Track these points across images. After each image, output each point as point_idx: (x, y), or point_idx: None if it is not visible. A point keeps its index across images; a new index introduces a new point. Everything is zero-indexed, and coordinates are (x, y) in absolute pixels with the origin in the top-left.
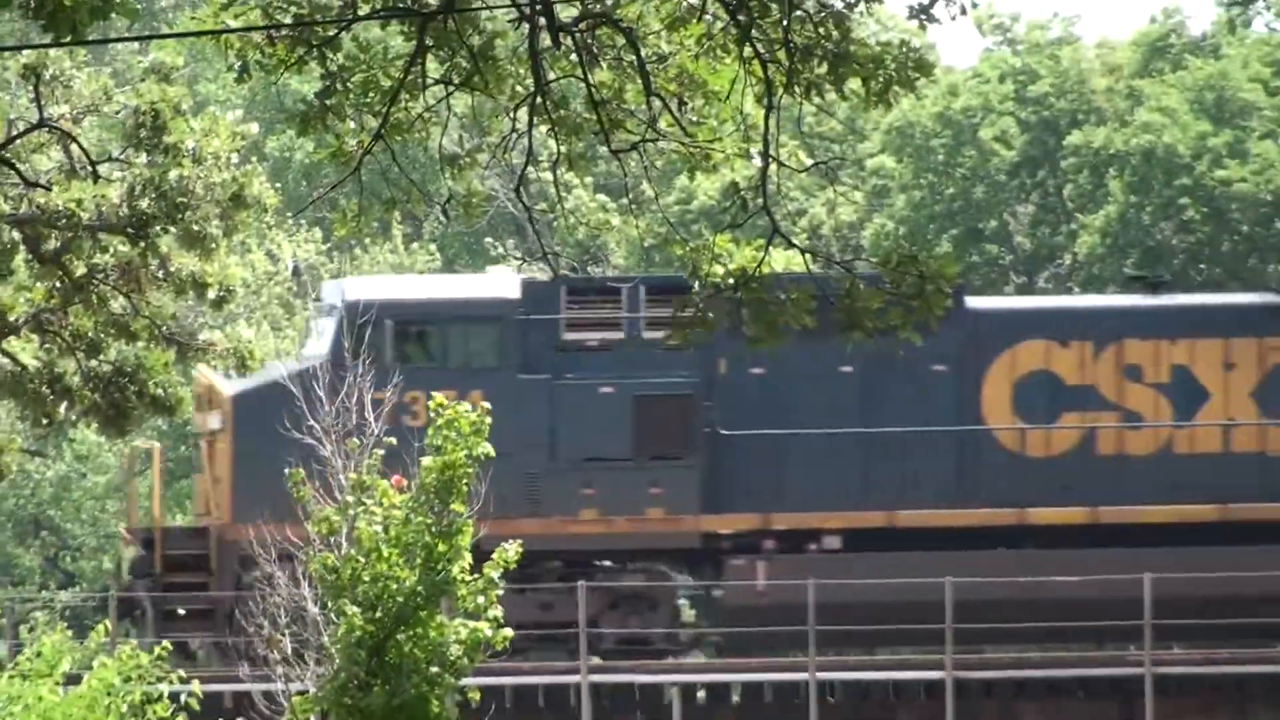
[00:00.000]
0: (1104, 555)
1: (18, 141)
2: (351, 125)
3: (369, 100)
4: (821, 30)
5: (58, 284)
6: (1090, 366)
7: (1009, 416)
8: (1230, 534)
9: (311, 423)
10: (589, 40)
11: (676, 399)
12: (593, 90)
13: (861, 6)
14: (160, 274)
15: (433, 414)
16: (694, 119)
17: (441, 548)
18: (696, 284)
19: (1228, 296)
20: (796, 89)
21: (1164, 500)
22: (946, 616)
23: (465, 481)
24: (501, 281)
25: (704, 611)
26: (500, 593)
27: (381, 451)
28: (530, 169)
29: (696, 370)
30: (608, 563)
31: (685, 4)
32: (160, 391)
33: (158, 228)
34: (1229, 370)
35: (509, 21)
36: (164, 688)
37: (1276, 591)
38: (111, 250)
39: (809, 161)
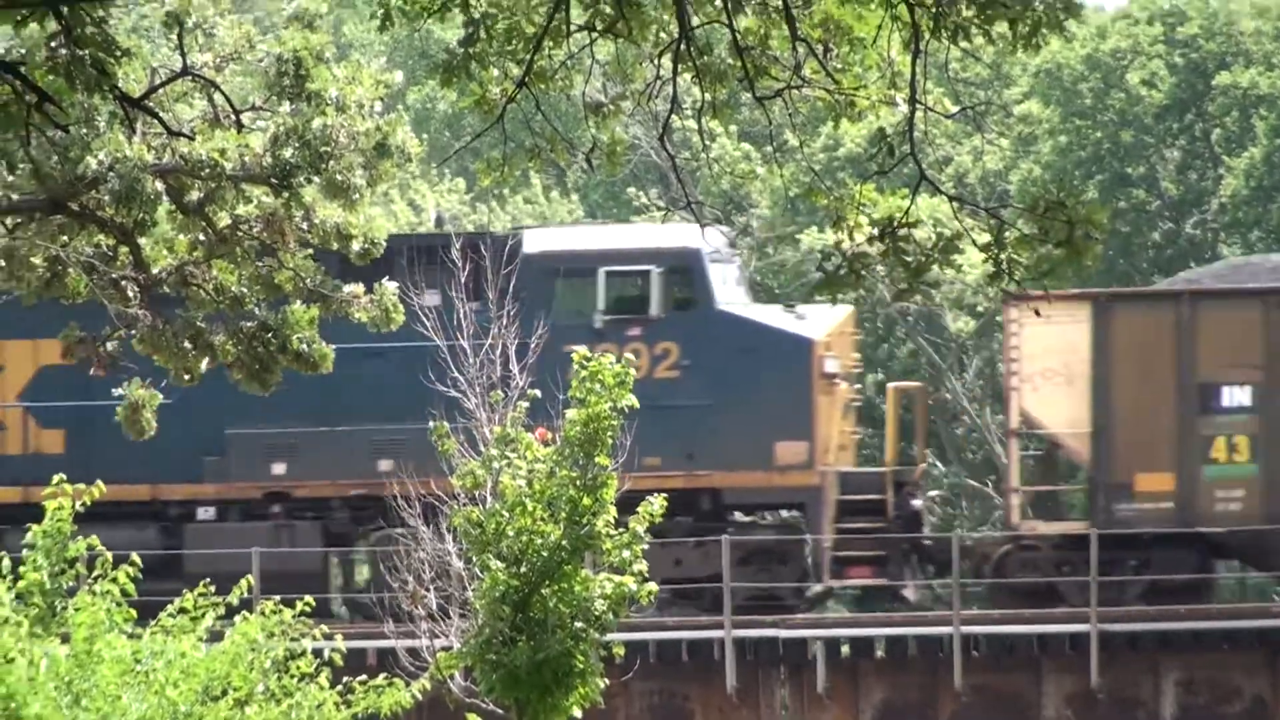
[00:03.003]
0: None
1: (161, 90)
2: (494, 73)
3: (512, 48)
4: None
5: (201, 236)
6: None
7: None
8: None
9: (455, 375)
10: None
11: None
12: (737, 36)
13: None
14: (304, 226)
15: (576, 366)
16: (839, 65)
17: (586, 501)
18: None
19: None
20: (943, 33)
21: None
22: (1091, 570)
23: (609, 434)
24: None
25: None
26: (645, 547)
27: (526, 404)
28: (674, 117)
29: None
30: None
31: None
32: (304, 347)
33: (301, 178)
34: None
35: None
36: (307, 644)
37: None
38: (255, 201)
39: (955, 108)
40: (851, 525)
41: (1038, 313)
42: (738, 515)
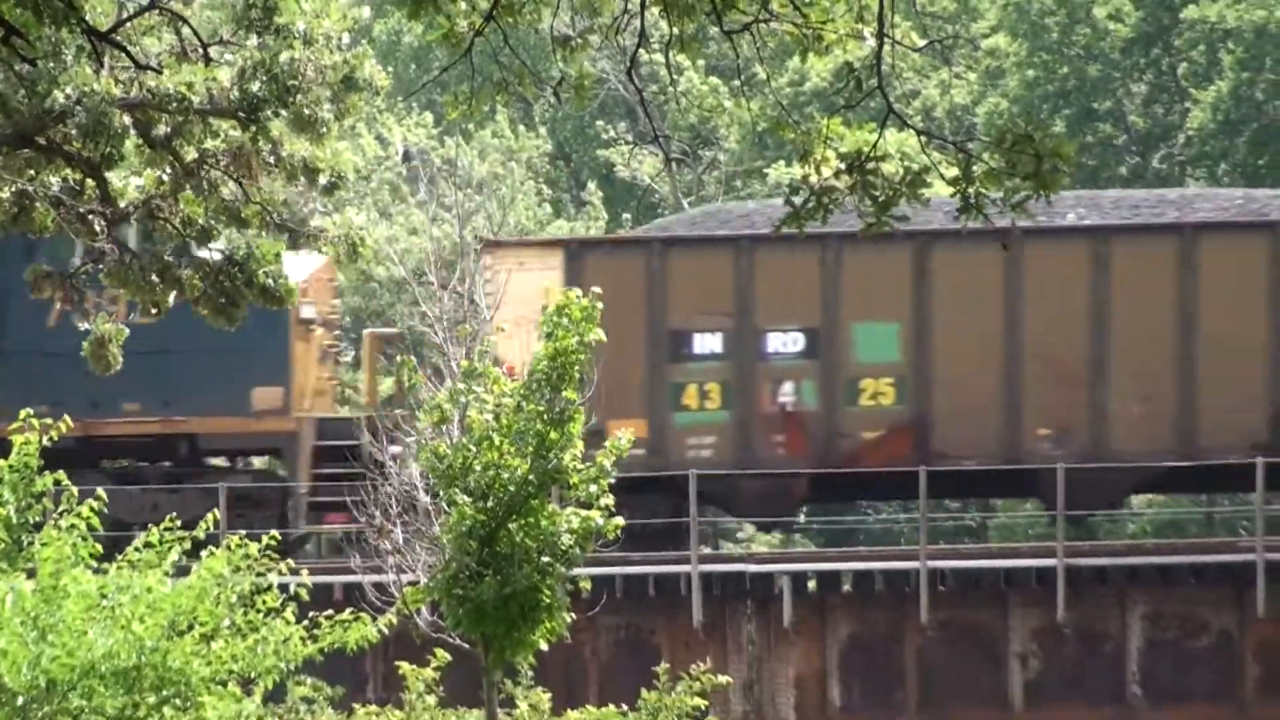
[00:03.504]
0: None
1: (129, 24)
2: (463, 6)
3: None
4: None
5: (168, 170)
6: None
7: None
8: None
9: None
10: None
11: None
12: None
13: None
14: (271, 159)
15: (545, 301)
16: None
17: (553, 435)
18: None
19: None
20: None
21: None
22: (1059, 504)
23: (577, 368)
24: None
25: None
26: (612, 481)
27: (494, 339)
28: (642, 51)
29: None
30: None
31: None
32: (270, 281)
33: (268, 111)
34: None
35: None
36: (273, 578)
37: None
38: (222, 135)
39: (922, 42)
40: (328, 470)
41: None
42: (217, 460)
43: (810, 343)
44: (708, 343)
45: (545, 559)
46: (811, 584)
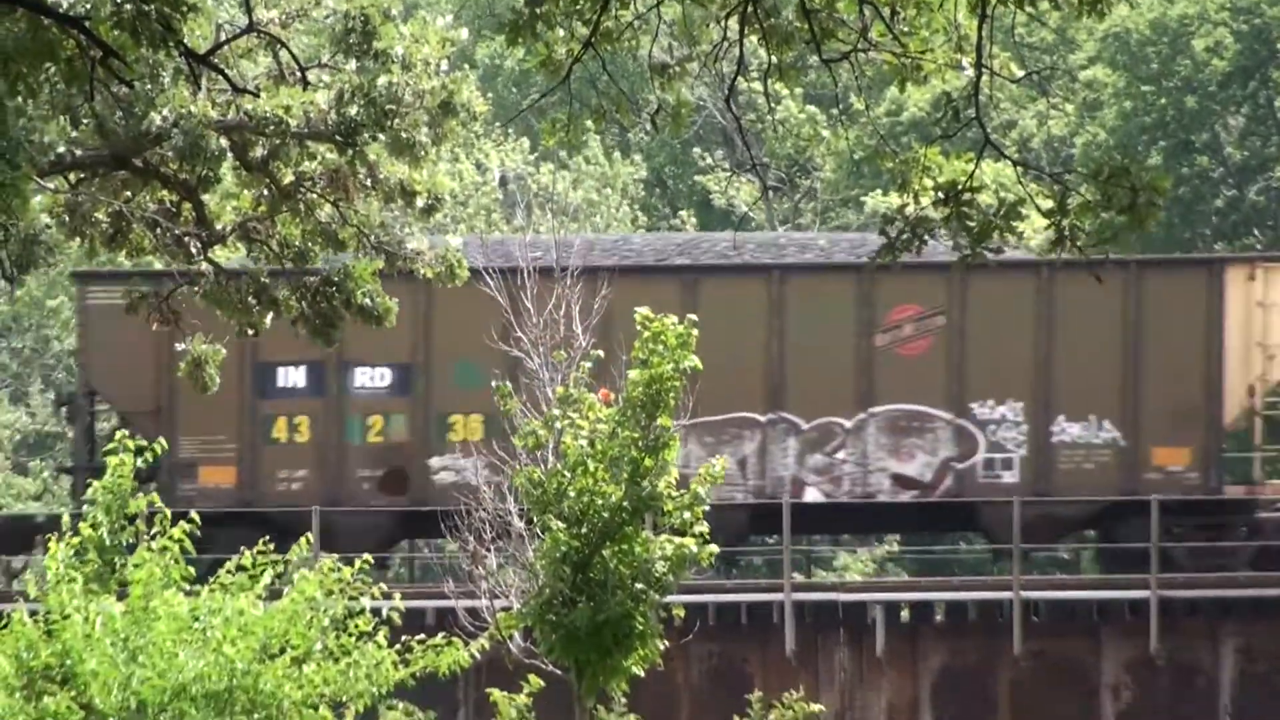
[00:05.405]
0: None
1: (226, 47)
2: (561, 33)
3: (579, 8)
4: None
5: (265, 192)
6: None
7: None
8: None
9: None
10: None
11: None
12: None
13: None
14: (368, 182)
15: (639, 327)
16: (906, 28)
17: (648, 462)
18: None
19: None
20: None
21: None
22: (1153, 536)
23: (672, 395)
24: None
25: None
26: (707, 509)
27: (589, 365)
28: (740, 79)
29: None
30: None
31: None
32: (367, 301)
33: (366, 135)
34: None
35: None
36: (366, 602)
37: None
38: (319, 158)
39: (1020, 72)
40: None
41: None
42: None
43: None
44: None
45: (639, 586)
46: (904, 614)
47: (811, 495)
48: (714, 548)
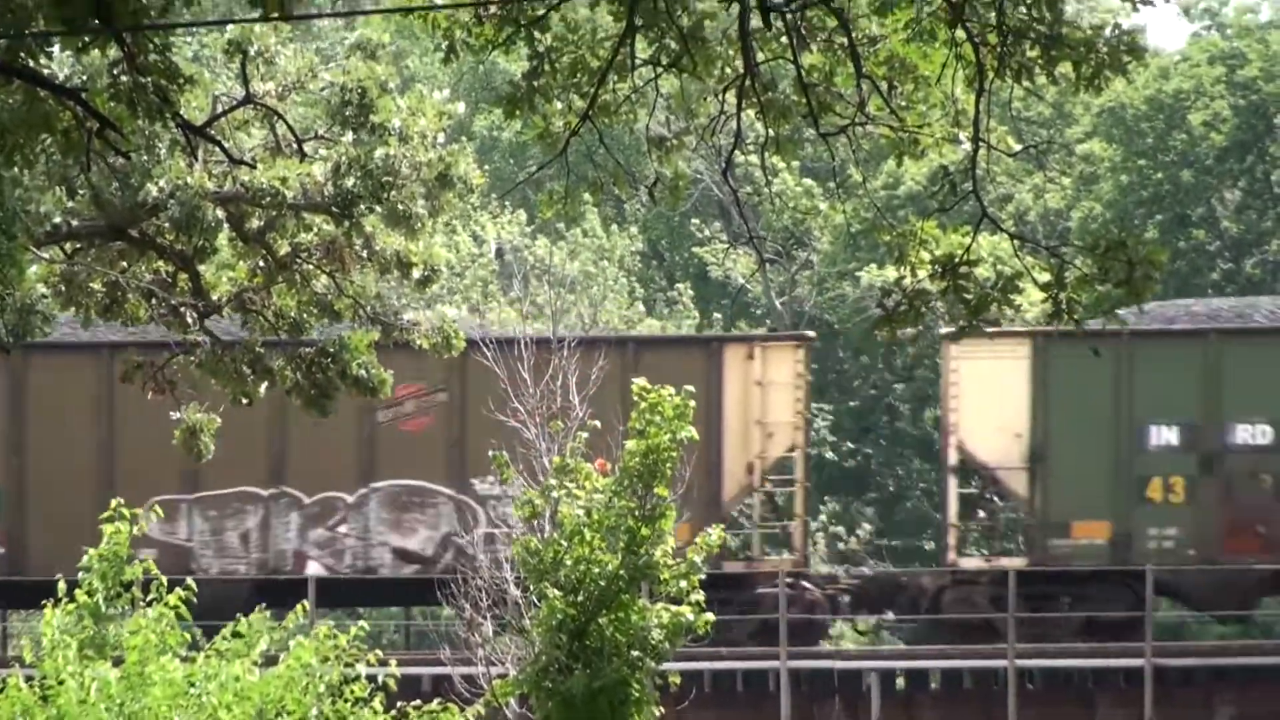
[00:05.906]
0: None
1: (223, 118)
2: (559, 106)
3: (576, 81)
4: (1034, 13)
5: (261, 263)
6: None
7: None
8: None
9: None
10: (799, 22)
11: None
12: (802, 73)
13: None
14: (364, 253)
15: (636, 397)
16: (903, 103)
17: (644, 531)
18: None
19: None
20: (1007, 72)
21: None
22: (1146, 605)
23: (669, 465)
24: None
25: None
26: (703, 577)
27: (585, 435)
28: (737, 152)
29: None
30: None
31: None
32: (363, 372)
33: (363, 206)
34: None
35: (719, 2)
36: (361, 669)
37: None
38: (315, 229)
39: (1018, 146)
40: None
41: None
42: None
43: None
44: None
45: (635, 653)
46: (900, 681)
47: (314, 569)
48: (710, 616)
